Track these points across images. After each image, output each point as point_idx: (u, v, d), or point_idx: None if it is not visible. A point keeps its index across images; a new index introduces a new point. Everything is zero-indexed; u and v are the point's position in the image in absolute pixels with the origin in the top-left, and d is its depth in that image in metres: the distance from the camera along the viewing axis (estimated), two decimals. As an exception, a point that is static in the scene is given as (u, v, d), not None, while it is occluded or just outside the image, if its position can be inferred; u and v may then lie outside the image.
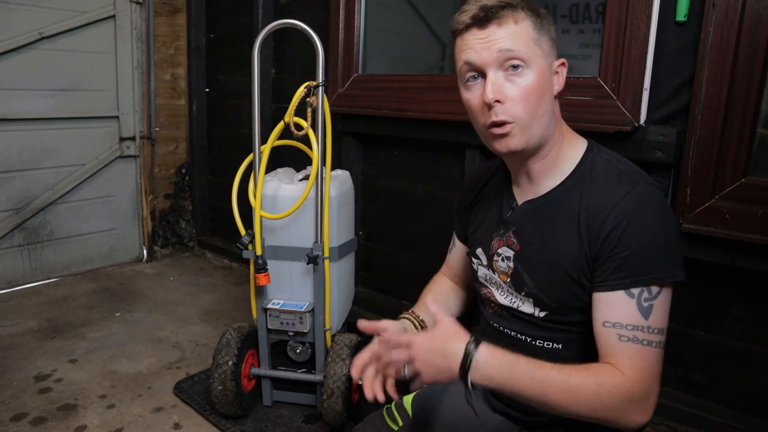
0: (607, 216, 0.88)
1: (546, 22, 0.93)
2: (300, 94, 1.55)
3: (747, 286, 1.56)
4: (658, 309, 0.86)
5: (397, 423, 1.18)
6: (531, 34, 0.90)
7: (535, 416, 1.04)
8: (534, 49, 0.90)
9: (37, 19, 2.67)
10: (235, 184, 1.72)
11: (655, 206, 0.88)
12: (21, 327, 2.37)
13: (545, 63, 0.92)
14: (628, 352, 0.86)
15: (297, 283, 1.72)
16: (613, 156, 0.97)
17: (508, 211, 1.02)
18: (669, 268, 0.87)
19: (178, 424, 1.75)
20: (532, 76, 0.90)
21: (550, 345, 0.99)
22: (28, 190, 2.79)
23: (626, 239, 0.86)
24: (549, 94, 0.94)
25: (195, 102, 3.27)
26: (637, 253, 0.86)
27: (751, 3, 1.38)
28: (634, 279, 0.86)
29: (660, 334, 0.87)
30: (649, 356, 0.86)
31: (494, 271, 1.05)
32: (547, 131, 0.95)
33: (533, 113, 0.91)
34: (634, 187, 0.89)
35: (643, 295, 0.86)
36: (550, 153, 0.97)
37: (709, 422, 1.62)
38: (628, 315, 0.86)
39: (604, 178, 0.93)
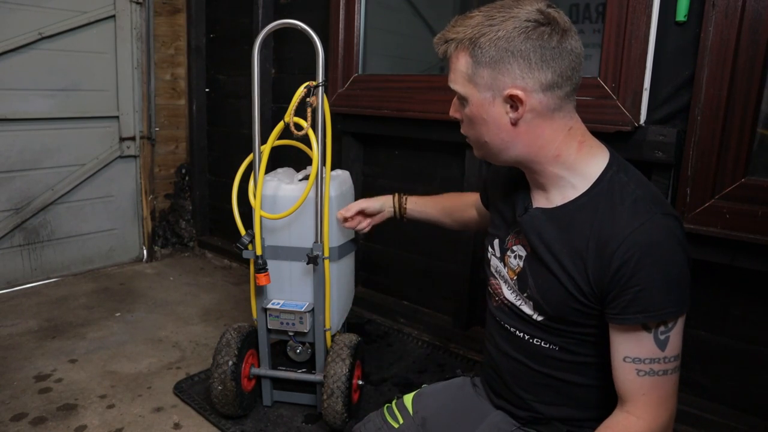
0: (617, 248, 0.85)
1: (489, 57, 0.87)
2: (300, 94, 1.55)
3: (747, 286, 1.56)
4: (673, 338, 0.87)
5: (397, 421, 1.18)
6: (465, 71, 0.91)
7: (533, 412, 1.05)
8: (467, 85, 0.92)
9: (37, 19, 2.67)
10: (235, 184, 1.72)
11: (668, 241, 0.85)
12: (21, 327, 2.37)
13: (481, 96, 0.91)
14: (644, 387, 0.88)
15: (297, 283, 1.72)
16: (633, 177, 0.93)
17: (522, 212, 1.01)
18: (679, 303, 0.86)
19: (178, 424, 1.75)
20: (468, 108, 0.94)
21: (547, 345, 1.00)
22: (28, 190, 2.79)
23: (639, 274, 0.84)
24: (494, 124, 0.92)
25: (195, 102, 3.28)
26: (651, 289, 0.84)
27: (751, 3, 1.38)
28: (650, 314, 0.85)
29: (676, 360, 0.88)
30: (664, 384, 0.88)
31: (505, 266, 1.06)
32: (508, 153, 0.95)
33: (477, 139, 0.97)
34: (648, 219, 0.85)
35: (660, 329, 0.86)
36: (544, 170, 0.95)
37: (709, 422, 1.62)
38: (646, 349, 0.87)
39: (619, 203, 0.89)
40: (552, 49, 0.86)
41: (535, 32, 0.86)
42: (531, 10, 0.87)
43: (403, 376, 2.04)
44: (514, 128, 0.91)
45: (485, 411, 1.14)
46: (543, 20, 0.86)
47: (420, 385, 1.28)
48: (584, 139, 0.95)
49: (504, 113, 0.91)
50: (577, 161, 0.93)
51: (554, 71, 0.87)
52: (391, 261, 2.51)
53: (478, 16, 0.89)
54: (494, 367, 1.12)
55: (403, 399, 1.23)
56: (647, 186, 0.93)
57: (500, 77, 0.88)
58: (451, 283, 2.28)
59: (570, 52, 0.88)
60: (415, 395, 1.23)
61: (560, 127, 0.92)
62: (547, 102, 0.89)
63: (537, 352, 1.01)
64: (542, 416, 1.04)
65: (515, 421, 1.08)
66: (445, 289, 2.33)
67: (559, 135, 0.92)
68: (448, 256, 2.29)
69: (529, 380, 1.04)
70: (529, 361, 1.03)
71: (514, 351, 1.05)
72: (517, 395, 1.06)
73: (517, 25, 0.86)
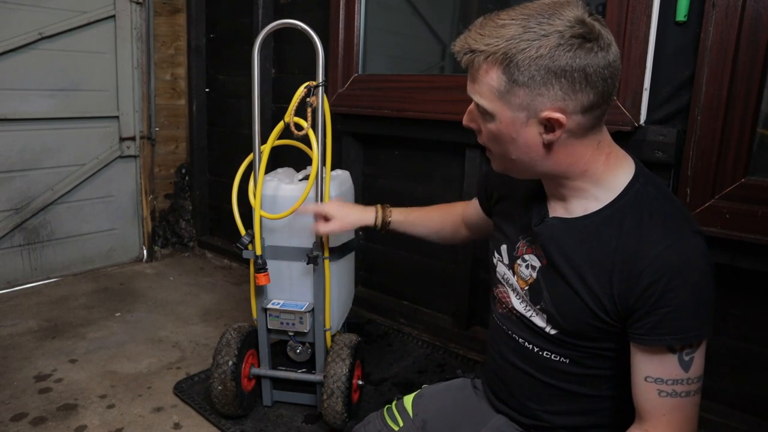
0: (647, 267, 0.81)
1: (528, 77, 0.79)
2: (300, 94, 1.55)
3: (747, 286, 1.56)
4: (697, 360, 0.85)
5: (397, 423, 1.18)
6: (495, 87, 0.82)
7: (535, 420, 1.04)
8: (496, 102, 0.83)
9: (37, 19, 2.67)
10: (235, 184, 1.72)
11: (698, 261, 0.82)
12: (21, 327, 2.37)
13: (514, 115, 0.83)
14: (665, 408, 0.85)
15: (297, 283, 1.72)
16: (661, 190, 0.88)
17: (537, 221, 0.96)
18: (707, 325, 0.84)
19: (178, 424, 1.75)
20: (494, 124, 0.86)
21: (558, 358, 0.97)
22: (28, 190, 2.79)
23: (668, 296, 0.81)
24: (525, 144, 0.85)
25: (195, 102, 3.27)
26: (679, 312, 0.81)
27: (751, 3, 1.38)
28: (678, 337, 0.82)
29: (698, 381, 0.86)
30: (686, 405, 0.85)
31: (514, 274, 1.01)
32: (534, 169, 0.90)
33: (502, 156, 0.90)
34: (678, 238, 0.82)
35: (686, 350, 0.84)
36: (567, 183, 0.90)
37: (709, 422, 1.62)
38: (669, 370, 0.84)
39: (648, 219, 0.84)
40: (597, 68, 0.79)
41: (581, 50, 0.78)
42: (573, 21, 0.78)
43: (403, 376, 2.04)
44: (545, 148, 0.86)
45: (486, 414, 1.12)
46: (588, 35, 0.78)
47: (420, 385, 1.28)
48: (611, 150, 0.90)
49: (537, 134, 0.84)
50: (604, 174, 0.89)
51: (596, 92, 0.81)
52: (391, 261, 2.51)
53: (512, 26, 0.79)
54: (499, 374, 1.09)
55: (402, 400, 1.22)
56: (675, 201, 0.89)
57: (539, 98, 0.80)
58: (451, 283, 2.28)
59: (614, 69, 0.81)
60: (415, 397, 1.22)
61: (591, 144, 0.87)
62: (585, 123, 0.83)
63: (546, 364, 0.98)
64: (548, 425, 1.02)
65: (518, 426, 1.07)
66: (445, 289, 2.33)
67: (589, 151, 0.87)
68: (448, 256, 2.29)
69: (535, 391, 1.02)
70: (537, 373, 1.00)
71: (521, 362, 1.02)
72: (523, 404, 1.04)
73: (561, 42, 0.77)
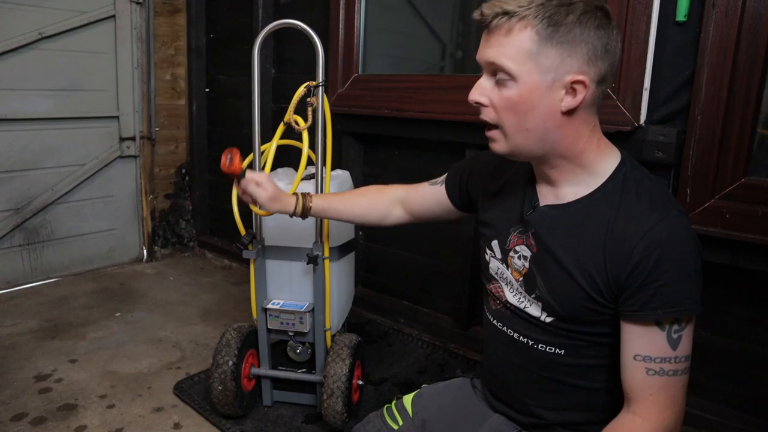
0: (637, 244, 0.85)
1: (567, 32, 0.83)
2: (300, 94, 1.55)
3: (747, 286, 1.56)
4: (686, 338, 0.87)
5: (397, 422, 1.18)
6: (526, 47, 0.83)
7: (533, 418, 1.04)
8: (524, 64, 0.84)
9: (37, 19, 2.67)
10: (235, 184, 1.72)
11: (686, 236, 0.85)
12: (21, 327, 2.37)
13: (540, 79, 0.85)
14: (652, 387, 0.87)
15: (297, 283, 1.72)
16: (645, 174, 0.93)
17: (529, 210, 0.99)
18: (697, 299, 0.86)
19: (178, 424, 1.75)
20: (516, 90, 0.86)
21: (552, 350, 0.97)
22: (28, 190, 2.79)
23: (659, 270, 0.84)
24: (543, 111, 0.87)
25: (195, 102, 3.28)
26: (670, 285, 0.84)
27: (751, 3, 1.38)
28: (667, 311, 0.84)
29: (686, 361, 0.88)
30: (673, 385, 0.87)
31: (508, 267, 1.02)
32: (541, 145, 0.90)
33: (516, 126, 0.89)
34: (665, 215, 0.85)
35: (674, 327, 0.86)
36: (562, 165, 0.93)
37: (709, 422, 1.62)
38: (658, 348, 0.86)
39: (635, 200, 0.88)
40: (612, 42, 0.86)
41: (603, 22, 0.85)
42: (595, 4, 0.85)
43: (403, 376, 2.04)
44: (563, 117, 0.87)
45: (485, 413, 1.13)
46: (608, 13, 0.86)
47: (420, 385, 1.28)
48: (601, 137, 0.94)
49: (558, 101, 0.86)
50: (596, 160, 0.92)
51: (609, 65, 0.87)
52: (391, 261, 2.51)
53: None
54: (495, 373, 1.10)
55: (402, 400, 1.22)
56: (659, 183, 0.93)
57: (568, 60, 0.84)
58: (451, 283, 2.28)
59: (619, 49, 0.89)
60: (414, 396, 1.22)
61: (589, 124, 0.91)
62: (596, 95, 0.88)
63: (541, 358, 0.99)
64: (545, 422, 1.02)
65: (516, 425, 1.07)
66: (445, 289, 2.33)
67: (587, 131, 0.91)
68: (447, 256, 2.29)
69: (533, 386, 1.02)
70: (532, 368, 1.01)
71: (516, 358, 1.03)
72: (521, 401, 1.05)
73: (588, 11, 0.84)
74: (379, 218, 1.36)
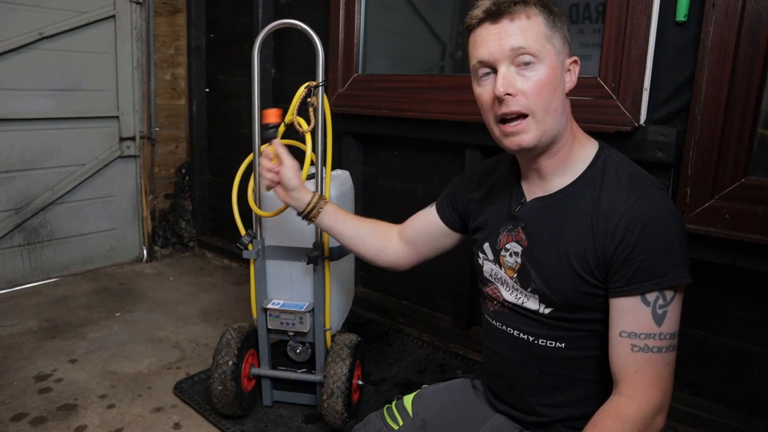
0: (620, 221, 0.89)
1: (559, 20, 0.94)
2: (301, 95, 1.55)
3: (747, 286, 1.56)
4: (671, 315, 0.88)
5: (397, 422, 1.18)
6: (543, 31, 0.91)
7: (535, 416, 1.04)
8: (545, 45, 0.91)
9: (37, 19, 2.67)
10: (235, 184, 1.72)
11: (667, 210, 0.89)
12: (21, 327, 2.37)
13: (557, 60, 0.92)
14: (637, 363, 0.88)
15: (297, 283, 1.72)
16: (623, 158, 0.98)
17: (516, 206, 1.03)
18: (682, 270, 0.88)
19: (178, 424, 1.75)
20: (544, 71, 0.90)
21: (553, 344, 0.99)
22: (28, 190, 2.79)
23: (641, 244, 0.87)
24: (561, 90, 0.94)
25: (195, 102, 3.28)
26: (653, 258, 0.87)
27: (751, 3, 1.38)
28: (652, 283, 0.87)
29: (671, 338, 0.89)
30: (658, 362, 0.88)
31: (501, 266, 1.05)
32: (559, 127, 0.95)
33: (546, 107, 0.91)
34: (645, 192, 0.90)
35: (658, 302, 0.88)
36: (560, 151, 0.97)
37: (709, 422, 1.62)
38: (642, 323, 0.88)
39: (615, 181, 0.93)
40: None
41: None
42: None
43: (403, 376, 2.04)
44: (566, 98, 0.96)
45: (486, 413, 1.13)
46: None
47: (420, 385, 1.28)
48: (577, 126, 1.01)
49: (564, 81, 0.95)
50: (580, 150, 0.99)
51: None
52: (391, 261, 2.51)
53: None
54: (496, 373, 1.10)
55: (402, 400, 1.23)
56: (636, 166, 0.98)
57: (566, 46, 0.95)
58: (451, 283, 2.28)
59: None
60: (414, 396, 1.23)
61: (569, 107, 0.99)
62: None
63: (542, 353, 1.00)
64: (547, 419, 1.03)
65: (517, 425, 1.08)
66: (445, 289, 2.33)
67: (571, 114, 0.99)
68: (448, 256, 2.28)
69: (535, 383, 1.03)
70: (534, 364, 1.01)
71: (517, 356, 1.04)
72: (523, 399, 1.05)
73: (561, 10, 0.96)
74: (380, 246, 1.31)
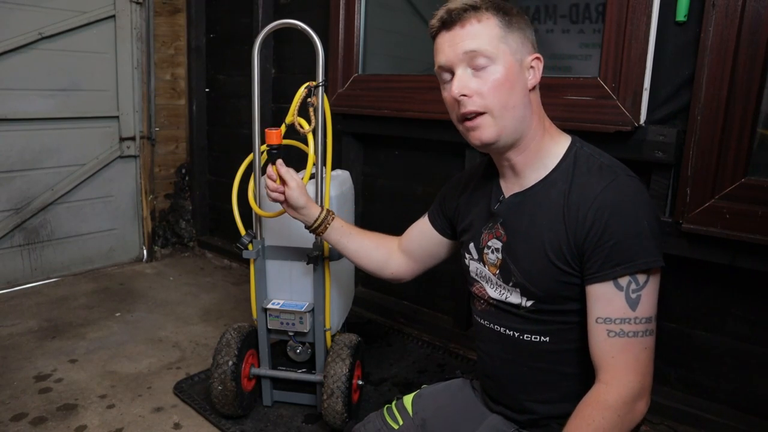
0: (590, 208, 0.91)
1: (516, 20, 0.97)
2: (301, 95, 1.55)
3: (747, 286, 1.56)
4: (645, 299, 0.90)
5: (397, 422, 1.18)
6: (496, 32, 0.94)
7: (528, 414, 1.05)
8: (499, 46, 0.94)
9: (37, 19, 2.67)
10: (235, 184, 1.72)
11: (635, 196, 0.91)
12: (21, 327, 2.37)
13: (513, 59, 0.95)
14: (614, 349, 0.90)
15: (297, 283, 1.72)
16: (595, 150, 1.00)
17: (495, 204, 1.06)
18: (654, 254, 0.89)
19: (178, 424, 1.75)
20: (498, 70, 0.94)
21: (537, 338, 1.01)
22: (28, 190, 2.79)
23: (610, 229, 0.89)
24: (520, 88, 0.96)
25: (195, 102, 3.28)
26: (622, 243, 0.89)
27: (751, 3, 1.38)
28: (622, 267, 0.89)
29: (648, 322, 0.90)
30: (635, 346, 0.89)
31: (484, 264, 1.08)
32: (521, 124, 0.98)
33: (503, 105, 0.95)
34: (614, 179, 0.93)
35: (631, 287, 0.89)
36: (530, 146, 1.00)
37: (709, 422, 1.62)
38: (617, 309, 0.90)
39: (586, 171, 0.96)
40: None
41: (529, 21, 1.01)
42: None
43: (403, 376, 2.04)
44: (530, 94, 0.99)
45: (484, 413, 1.14)
46: None
47: (420, 385, 1.28)
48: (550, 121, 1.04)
49: (526, 78, 0.98)
50: (550, 142, 1.01)
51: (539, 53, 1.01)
52: (391, 261, 2.51)
53: None
54: (488, 373, 1.12)
55: (402, 400, 1.23)
56: (608, 156, 1.00)
57: (525, 44, 0.98)
58: (451, 283, 2.28)
59: None
60: (414, 396, 1.23)
61: (541, 106, 1.02)
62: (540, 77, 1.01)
63: (528, 348, 1.02)
64: (540, 417, 1.04)
65: (513, 424, 1.08)
66: (445, 289, 2.33)
67: (541, 113, 1.02)
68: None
69: (524, 380, 1.04)
70: (522, 360, 1.03)
71: (505, 353, 1.05)
72: (514, 398, 1.06)
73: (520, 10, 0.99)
74: (383, 259, 1.33)
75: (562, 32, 1.86)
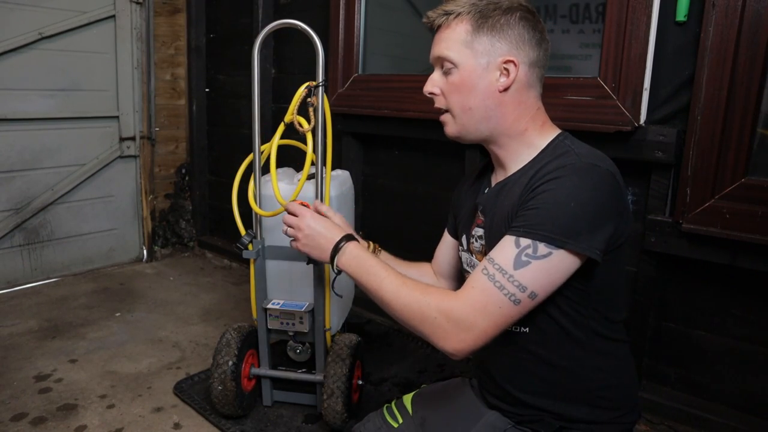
0: (539, 179, 0.94)
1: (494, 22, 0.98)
2: (300, 95, 1.55)
3: (747, 286, 1.56)
4: (533, 269, 0.88)
5: (397, 420, 1.19)
6: (462, 38, 0.99)
7: (522, 407, 1.05)
8: (462, 51, 0.99)
9: (37, 19, 2.67)
10: (235, 184, 1.72)
11: (583, 180, 0.90)
12: (21, 327, 2.37)
13: (476, 63, 0.99)
14: (478, 282, 0.91)
15: (297, 283, 1.72)
16: (577, 143, 1.01)
17: (482, 193, 1.11)
18: (567, 234, 0.88)
19: (178, 424, 1.75)
20: (458, 74, 1.00)
21: (518, 329, 1.02)
22: (28, 190, 2.79)
23: (536, 196, 0.92)
24: (482, 90, 1.00)
25: (195, 102, 3.28)
26: (539, 209, 0.90)
27: (751, 3, 1.38)
28: (525, 229, 0.90)
29: (521, 291, 0.89)
30: (493, 296, 0.89)
31: (472, 253, 1.12)
32: (486, 123, 1.02)
33: (461, 107, 1.02)
34: (574, 162, 0.93)
35: (527, 250, 0.89)
36: (509, 143, 1.04)
37: (709, 422, 1.62)
38: (504, 257, 0.90)
39: (556, 156, 0.98)
40: (537, 32, 1.01)
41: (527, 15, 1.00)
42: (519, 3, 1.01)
43: (403, 376, 2.04)
44: (501, 95, 1.00)
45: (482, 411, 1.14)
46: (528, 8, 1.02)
47: (420, 385, 1.28)
48: (546, 120, 1.05)
49: (494, 80, 0.99)
50: (537, 137, 1.03)
51: (539, 51, 1.01)
52: (391, 261, 2.51)
53: None
54: (480, 365, 1.14)
55: (402, 399, 1.24)
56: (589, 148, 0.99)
57: (498, 44, 0.98)
58: (451, 283, 2.27)
59: (548, 43, 1.04)
60: (414, 395, 1.24)
61: (531, 105, 1.03)
62: (529, 77, 1.01)
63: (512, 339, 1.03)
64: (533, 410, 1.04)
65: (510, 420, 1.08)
66: (445, 289, 2.33)
67: (530, 112, 1.03)
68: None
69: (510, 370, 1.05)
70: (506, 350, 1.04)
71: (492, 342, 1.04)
72: (504, 389, 1.07)
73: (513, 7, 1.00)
74: None
75: (562, 32, 1.86)
